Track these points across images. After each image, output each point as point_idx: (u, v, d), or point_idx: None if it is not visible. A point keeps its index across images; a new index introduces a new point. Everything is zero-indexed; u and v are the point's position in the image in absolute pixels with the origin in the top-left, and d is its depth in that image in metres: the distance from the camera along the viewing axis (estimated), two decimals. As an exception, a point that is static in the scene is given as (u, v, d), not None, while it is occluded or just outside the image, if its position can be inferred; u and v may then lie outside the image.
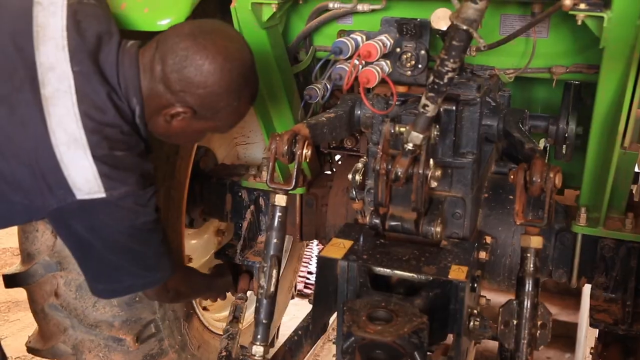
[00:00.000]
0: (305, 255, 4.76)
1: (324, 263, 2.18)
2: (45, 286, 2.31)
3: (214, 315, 3.09)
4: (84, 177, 1.76)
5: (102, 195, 1.78)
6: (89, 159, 1.76)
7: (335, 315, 2.34)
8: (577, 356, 5.77)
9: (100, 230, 1.86)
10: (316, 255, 2.27)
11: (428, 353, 2.04)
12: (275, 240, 2.18)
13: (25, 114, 1.76)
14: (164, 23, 2.12)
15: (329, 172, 3.10)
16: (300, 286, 4.74)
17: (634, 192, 3.00)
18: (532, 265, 1.93)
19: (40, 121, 1.75)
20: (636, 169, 3.11)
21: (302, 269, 4.62)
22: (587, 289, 4.07)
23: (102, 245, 1.89)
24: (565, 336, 7.15)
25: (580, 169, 2.44)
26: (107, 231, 1.86)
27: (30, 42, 1.79)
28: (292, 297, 3.80)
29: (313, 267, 4.91)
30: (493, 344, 4.29)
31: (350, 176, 2.31)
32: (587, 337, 4.75)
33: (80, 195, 1.77)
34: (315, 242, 4.99)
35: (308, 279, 4.87)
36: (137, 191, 1.85)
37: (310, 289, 4.73)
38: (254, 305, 2.31)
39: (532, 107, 2.63)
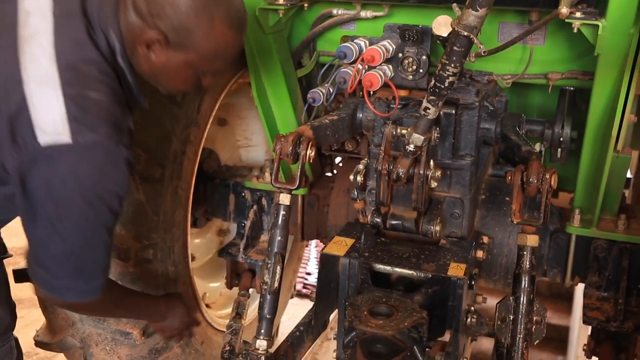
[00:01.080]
0: (304, 256, 4.83)
1: (326, 260, 2.25)
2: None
3: (217, 312, 3.15)
4: (51, 117, 1.61)
5: (68, 140, 1.60)
6: (58, 97, 1.62)
7: (334, 313, 2.41)
8: (569, 359, 5.84)
9: (57, 188, 1.64)
10: (319, 252, 2.32)
11: (426, 349, 2.11)
12: (279, 238, 2.24)
13: (1, 55, 1.68)
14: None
15: (329, 174, 3.17)
16: (299, 286, 4.81)
17: (626, 195, 3.09)
18: (528, 263, 1.99)
19: (13, 60, 1.66)
20: (628, 175, 3.21)
21: (300, 269, 4.69)
22: (579, 293, 4.15)
23: (55, 212, 1.67)
24: (558, 339, 7.22)
25: (575, 173, 2.51)
26: (64, 192, 1.65)
27: None
28: (291, 297, 3.86)
29: (311, 268, 4.98)
30: (486, 347, 4.35)
31: (351, 177, 2.38)
32: (579, 340, 4.82)
33: (44, 138, 1.60)
34: (314, 243, 5.06)
35: (306, 279, 4.94)
36: (108, 144, 1.65)
37: (309, 289, 4.80)
38: (256, 302, 2.38)
39: (528, 112, 2.71)
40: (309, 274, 4.98)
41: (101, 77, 1.70)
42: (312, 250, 5.09)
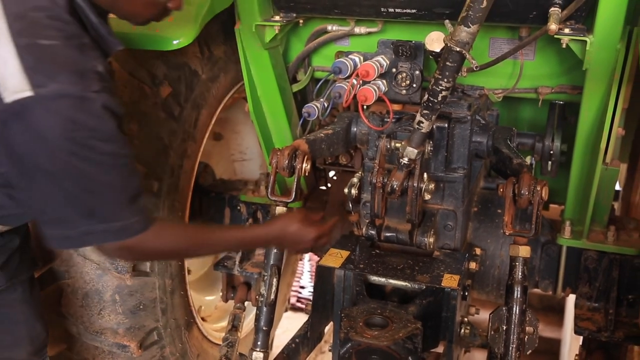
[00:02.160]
0: (298, 270, 4.85)
1: (322, 272, 2.28)
2: (52, 294, 2.38)
3: (213, 325, 3.17)
4: (8, 72, 1.52)
5: (30, 93, 1.51)
6: (11, 50, 1.53)
7: (330, 325, 2.44)
8: (562, 371, 5.84)
9: (35, 143, 1.55)
10: (313, 266, 2.35)
11: (421, 360, 2.14)
12: (275, 251, 2.27)
13: None
14: (175, 43, 2.23)
15: (324, 188, 3.21)
16: (293, 300, 4.83)
17: (615, 207, 3.14)
18: (520, 274, 2.02)
19: None
20: (617, 187, 3.26)
21: (294, 283, 4.71)
22: (570, 305, 4.19)
23: (45, 165, 1.58)
24: (550, 352, 7.24)
25: (565, 185, 2.56)
26: (43, 145, 1.55)
27: None
28: (286, 310, 3.88)
29: (305, 282, 5.01)
30: (479, 359, 4.35)
31: (346, 190, 2.41)
32: (570, 352, 4.85)
33: (8, 96, 1.52)
34: (307, 257, 5.08)
35: (300, 293, 4.96)
36: (73, 92, 1.55)
37: (303, 302, 4.81)
38: (252, 315, 2.40)
39: (519, 125, 2.76)
40: (302, 287, 5.00)
41: (52, 23, 1.59)
42: (306, 264, 5.12)
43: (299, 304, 4.86)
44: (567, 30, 2.05)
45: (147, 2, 1.77)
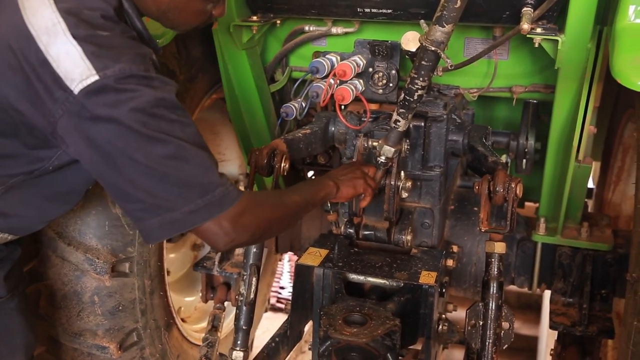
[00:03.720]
0: (277, 270, 4.86)
1: (301, 270, 2.29)
2: (31, 296, 2.36)
3: (193, 326, 3.17)
4: (71, 62, 1.54)
5: (96, 77, 1.52)
6: (70, 40, 1.54)
7: (309, 324, 2.45)
8: (539, 368, 5.91)
9: (113, 124, 1.53)
10: (293, 265, 2.36)
11: (400, 357, 2.15)
12: (254, 250, 2.29)
13: (7, 17, 1.62)
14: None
15: (302, 187, 3.22)
16: (272, 300, 4.84)
17: (588, 205, 3.20)
18: (496, 270, 2.05)
19: (18, 18, 1.59)
20: (591, 185, 3.32)
21: (274, 283, 4.72)
22: (546, 303, 4.25)
23: (126, 145, 1.54)
24: (527, 349, 7.32)
25: (540, 183, 2.60)
26: (121, 128, 1.53)
27: None
28: (266, 311, 3.88)
29: (284, 282, 5.02)
30: (458, 357, 4.40)
31: (324, 189, 2.43)
32: (547, 349, 4.91)
33: (75, 85, 1.52)
34: (287, 257, 5.09)
35: (280, 293, 4.97)
36: (136, 71, 1.56)
37: (283, 303, 4.82)
38: (232, 316, 2.40)
39: (494, 124, 2.80)
40: (282, 287, 5.01)
41: (106, 23, 1.62)
42: (286, 265, 5.13)
43: (278, 304, 4.87)
44: (539, 30, 2.09)
45: (197, 11, 1.81)
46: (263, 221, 1.76)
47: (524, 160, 2.61)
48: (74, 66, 1.54)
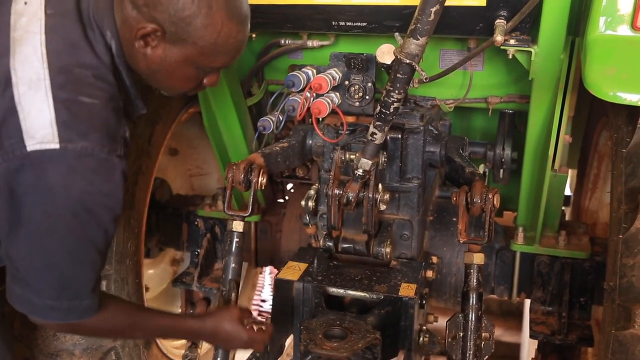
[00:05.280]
0: (258, 283, 4.83)
1: (280, 285, 2.28)
2: (6, 317, 2.32)
3: (173, 342, 3.13)
4: (40, 122, 1.52)
5: (56, 146, 1.51)
6: (49, 101, 1.53)
7: (290, 338, 2.43)
8: (522, 375, 5.93)
9: (43, 196, 1.54)
10: (273, 279, 2.35)
11: (381, 370, 2.15)
12: (233, 265, 2.26)
13: None
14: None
15: (281, 201, 3.21)
16: (254, 314, 4.80)
17: (566, 212, 3.22)
18: (475, 281, 2.06)
19: (5, 62, 1.58)
20: (568, 193, 3.35)
21: (255, 296, 4.68)
22: (527, 310, 4.27)
23: (42, 222, 1.56)
24: (510, 357, 7.34)
25: (517, 193, 2.62)
26: (50, 200, 1.54)
27: None
28: (247, 324, 3.85)
29: (266, 295, 4.98)
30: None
31: (303, 202, 2.43)
32: (529, 356, 4.93)
33: (32, 144, 1.51)
34: (268, 270, 5.06)
35: (261, 306, 4.93)
36: (99, 152, 1.55)
37: (264, 316, 4.78)
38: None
39: (471, 134, 2.81)
40: (263, 301, 4.97)
41: (96, 83, 1.61)
42: (267, 277, 5.10)
43: (260, 318, 4.84)
44: (512, 42, 2.11)
45: (187, 77, 1.77)
46: (107, 331, 1.87)
47: (501, 170, 2.63)
48: (40, 127, 1.52)
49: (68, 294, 1.64)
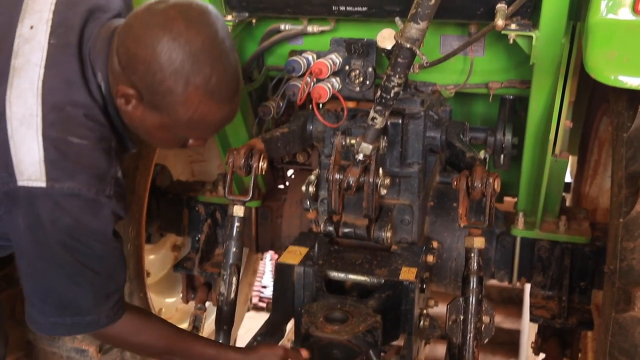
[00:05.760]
0: (259, 269, 4.86)
1: (281, 269, 2.29)
2: (7, 300, 2.34)
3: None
4: (29, 159, 1.54)
5: (42, 184, 1.53)
6: (38, 139, 1.54)
7: (291, 322, 2.45)
8: (521, 360, 5.97)
9: (33, 229, 1.58)
10: (274, 264, 2.36)
11: (382, 354, 2.16)
12: (234, 249, 2.28)
13: None
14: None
15: (282, 187, 3.22)
16: (255, 300, 4.83)
17: (566, 199, 3.23)
18: (475, 265, 2.07)
19: (2, 91, 1.58)
20: (569, 179, 3.36)
21: (256, 282, 4.71)
22: (528, 295, 4.30)
23: (37, 250, 1.61)
24: (509, 343, 7.36)
25: (518, 178, 2.62)
26: (40, 233, 1.58)
27: (18, 14, 1.67)
28: (248, 310, 3.88)
29: (267, 281, 5.01)
30: (441, 353, 4.45)
31: (303, 188, 2.43)
32: (529, 342, 4.95)
33: (21, 180, 1.54)
34: (268, 257, 5.09)
35: (262, 292, 4.96)
36: (84, 193, 1.56)
37: (265, 302, 4.82)
38: (213, 316, 2.40)
39: (471, 120, 2.80)
40: (264, 287, 5.01)
41: (87, 123, 1.60)
42: (267, 264, 5.13)
43: (261, 304, 4.87)
44: (513, 26, 2.10)
45: (166, 140, 1.75)
46: (136, 344, 1.90)
47: (502, 156, 2.63)
48: (29, 164, 1.55)
49: (70, 312, 1.70)
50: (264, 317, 2.41)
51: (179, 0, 1.60)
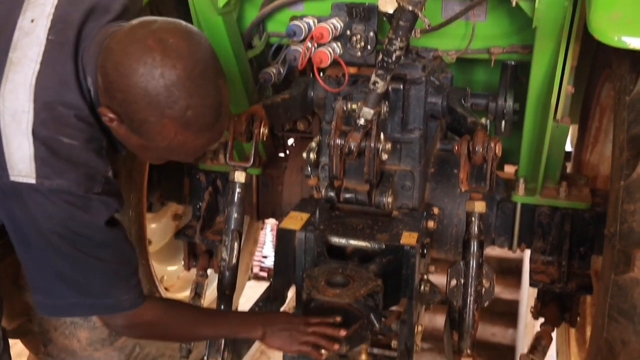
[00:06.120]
0: (260, 239, 4.88)
1: (283, 234, 2.30)
2: (10, 266, 2.34)
3: (176, 294, 3.18)
4: (20, 155, 1.56)
5: (32, 181, 1.56)
6: (28, 136, 1.56)
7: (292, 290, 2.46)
8: (519, 330, 6.06)
9: (34, 222, 1.60)
10: (275, 233, 2.38)
11: (382, 319, 2.18)
12: (235, 215, 2.29)
13: None
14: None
15: (282, 155, 3.22)
16: (255, 269, 4.86)
17: (567, 168, 3.23)
18: (476, 229, 2.08)
19: None
20: (569, 149, 3.35)
21: (257, 252, 4.74)
22: (527, 266, 4.32)
23: (39, 241, 1.63)
24: (508, 313, 7.42)
25: (518, 146, 2.62)
26: (40, 226, 1.61)
27: (21, 5, 1.68)
28: (249, 279, 3.90)
29: (267, 251, 5.04)
30: (441, 323, 4.49)
31: (304, 154, 2.43)
32: (528, 312, 4.98)
33: (12, 175, 1.57)
34: (269, 227, 5.11)
35: (263, 262, 4.99)
36: (74, 190, 1.59)
37: (266, 271, 4.85)
38: (214, 284, 2.41)
39: (473, 87, 2.78)
40: (265, 257, 5.04)
41: (78, 124, 1.61)
42: (268, 234, 5.15)
43: (262, 273, 4.90)
44: (516, -11, 2.09)
45: (151, 158, 1.84)
46: (157, 328, 1.92)
47: (503, 122, 2.62)
48: (19, 160, 1.57)
49: (87, 294, 1.72)
50: (264, 286, 2.43)
51: (162, 23, 1.60)
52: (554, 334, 2.67)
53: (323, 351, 2.01)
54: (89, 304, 1.73)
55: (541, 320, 2.72)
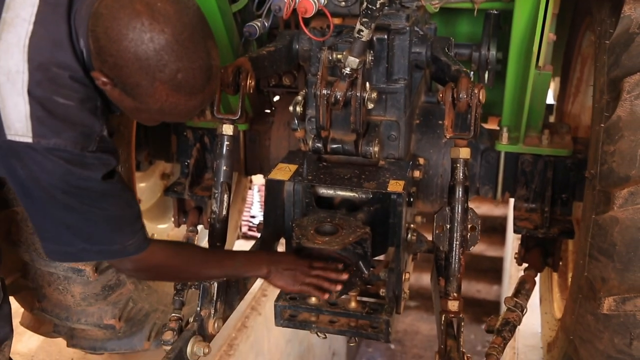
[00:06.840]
0: (248, 199, 4.91)
1: (271, 186, 2.32)
2: (2, 222, 2.36)
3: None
4: (16, 115, 1.58)
5: (29, 140, 1.58)
6: (24, 96, 1.57)
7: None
8: (504, 286, 6.17)
9: (35, 178, 1.64)
10: (264, 179, 2.40)
11: (371, 268, 2.22)
12: (224, 168, 2.30)
13: None
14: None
15: (269, 111, 3.23)
16: (244, 229, 4.91)
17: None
18: (461, 174, 2.11)
19: None
20: (552, 101, 3.39)
21: (245, 212, 4.77)
22: (511, 225, 4.40)
23: (43, 195, 1.66)
24: (493, 270, 7.56)
25: (502, 97, 2.65)
26: (41, 182, 1.64)
27: None
28: (238, 238, 3.94)
29: (255, 211, 5.08)
30: (428, 282, 4.57)
31: (291, 107, 2.44)
32: (511, 269, 5.05)
33: (9, 134, 1.59)
34: (256, 188, 5.14)
35: (251, 222, 5.04)
36: (70, 149, 1.61)
37: (254, 231, 4.89)
38: (205, 240, 2.44)
39: (456, 39, 2.80)
40: (253, 217, 5.08)
41: (72, 85, 1.63)
42: (255, 195, 5.19)
43: (250, 233, 4.94)
44: None
45: (145, 120, 1.82)
46: (163, 269, 1.97)
47: (486, 72, 2.65)
48: (16, 119, 1.58)
49: (94, 240, 1.76)
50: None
51: None
52: (537, 279, 2.74)
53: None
54: (96, 250, 1.78)
55: (525, 265, 2.79)
